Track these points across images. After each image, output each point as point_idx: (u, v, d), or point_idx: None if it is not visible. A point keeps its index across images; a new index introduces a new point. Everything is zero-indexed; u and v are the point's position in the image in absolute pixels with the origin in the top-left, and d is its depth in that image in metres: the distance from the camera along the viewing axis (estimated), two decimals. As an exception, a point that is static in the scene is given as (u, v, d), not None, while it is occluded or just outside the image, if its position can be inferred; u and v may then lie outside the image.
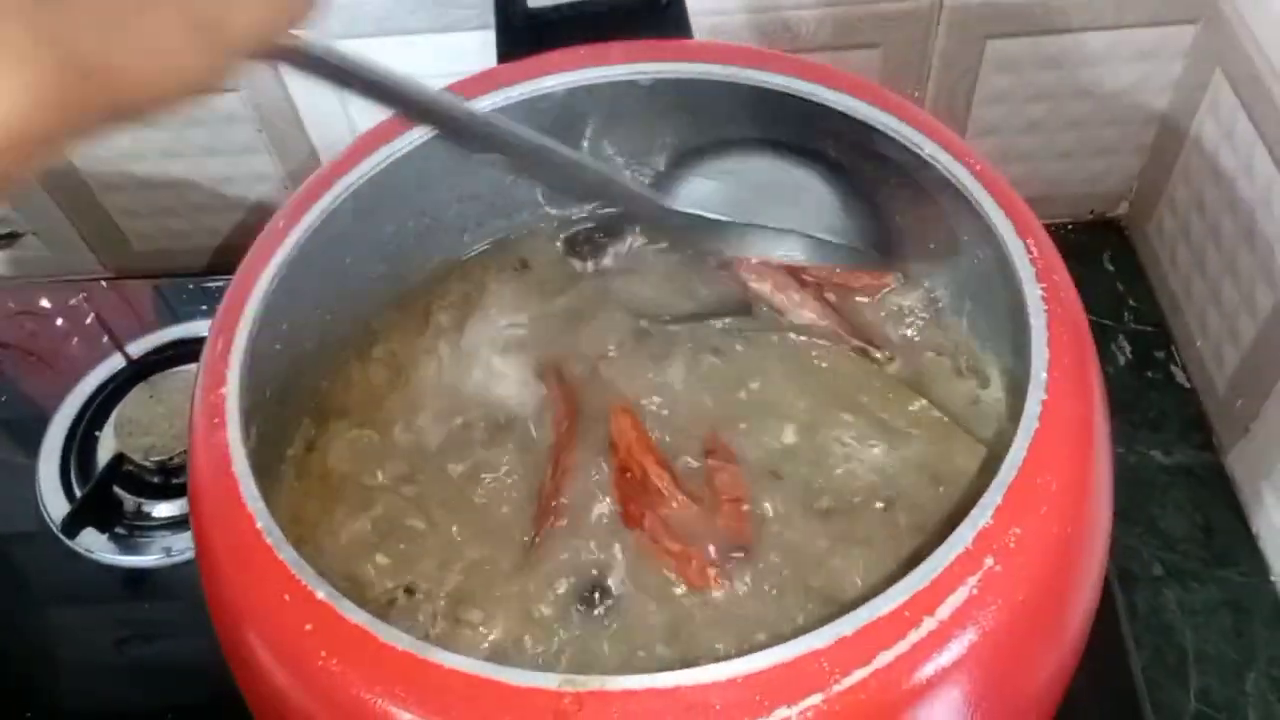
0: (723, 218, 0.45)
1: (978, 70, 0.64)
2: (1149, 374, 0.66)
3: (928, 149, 0.38)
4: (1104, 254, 0.71)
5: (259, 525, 0.32)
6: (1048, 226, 0.37)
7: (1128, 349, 0.67)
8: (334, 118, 0.65)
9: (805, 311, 0.45)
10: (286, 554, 0.31)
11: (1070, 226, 0.73)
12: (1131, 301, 0.69)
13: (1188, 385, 0.65)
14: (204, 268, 0.76)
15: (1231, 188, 0.59)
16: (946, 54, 0.63)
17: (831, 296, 0.46)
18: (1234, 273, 0.59)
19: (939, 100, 0.66)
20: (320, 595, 0.30)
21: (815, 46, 0.63)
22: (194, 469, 0.35)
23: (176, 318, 0.69)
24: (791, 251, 0.46)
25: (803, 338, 0.44)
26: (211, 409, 0.35)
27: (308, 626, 0.30)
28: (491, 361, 0.46)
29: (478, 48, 0.60)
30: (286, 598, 0.30)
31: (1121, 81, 0.65)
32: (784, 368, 0.43)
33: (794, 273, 0.46)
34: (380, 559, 0.39)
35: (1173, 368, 0.66)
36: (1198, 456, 0.62)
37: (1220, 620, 0.56)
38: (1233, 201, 0.59)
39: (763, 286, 0.46)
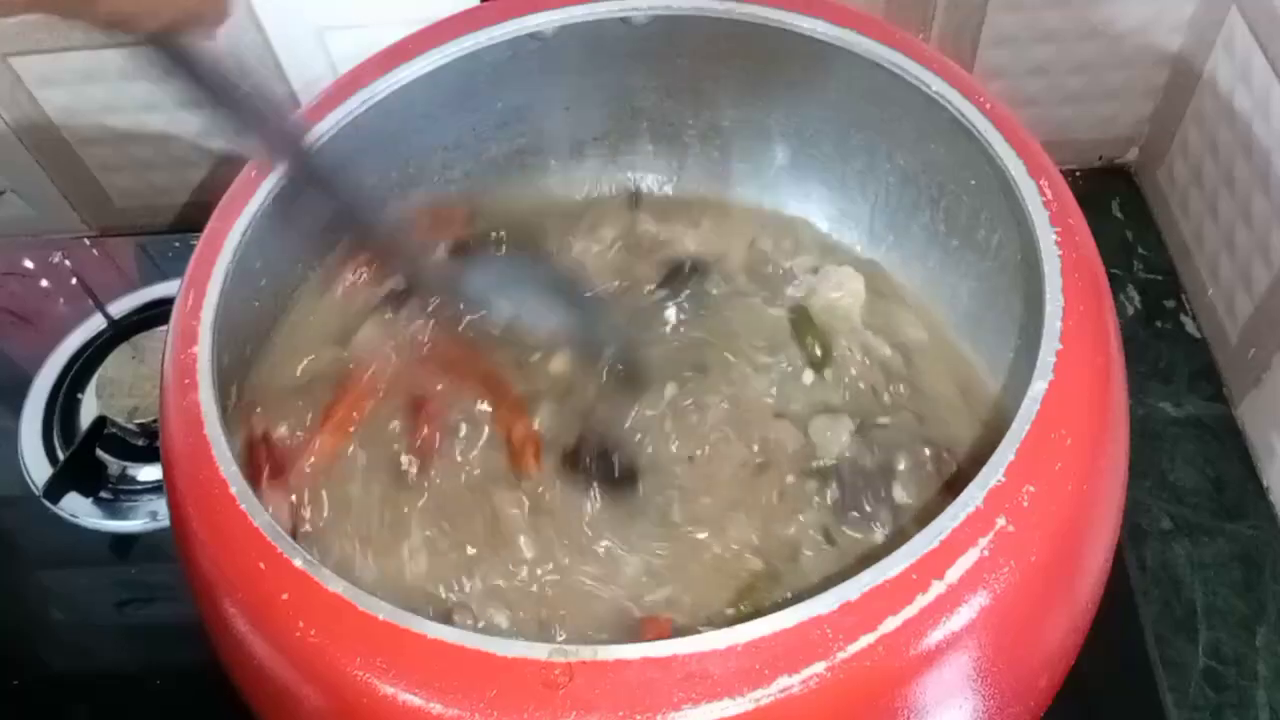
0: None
1: (984, 10, 0.62)
2: (1159, 324, 0.64)
3: (935, 86, 0.36)
4: (1113, 201, 0.70)
5: (233, 490, 0.30)
6: (1055, 173, 0.35)
7: (1137, 299, 0.65)
8: (315, 64, 0.63)
9: None
10: (261, 520, 0.29)
11: (1078, 173, 0.71)
12: (1141, 250, 0.67)
13: (1198, 335, 0.63)
14: (188, 224, 0.74)
15: (1247, 130, 0.57)
16: (951, -8, 0.61)
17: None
18: (1248, 218, 0.57)
19: (945, 42, 0.63)
20: (297, 563, 0.29)
21: (815, -14, 0.60)
22: (166, 432, 0.33)
23: (161, 275, 0.67)
24: None
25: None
26: (183, 369, 0.33)
27: (284, 595, 0.29)
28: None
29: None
30: (262, 565, 0.29)
31: (1132, 20, 0.62)
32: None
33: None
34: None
35: (1183, 317, 0.64)
36: (1208, 408, 0.60)
37: (1230, 574, 0.55)
38: (1248, 144, 0.57)
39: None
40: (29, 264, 0.71)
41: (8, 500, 0.59)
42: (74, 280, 0.68)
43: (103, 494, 0.58)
